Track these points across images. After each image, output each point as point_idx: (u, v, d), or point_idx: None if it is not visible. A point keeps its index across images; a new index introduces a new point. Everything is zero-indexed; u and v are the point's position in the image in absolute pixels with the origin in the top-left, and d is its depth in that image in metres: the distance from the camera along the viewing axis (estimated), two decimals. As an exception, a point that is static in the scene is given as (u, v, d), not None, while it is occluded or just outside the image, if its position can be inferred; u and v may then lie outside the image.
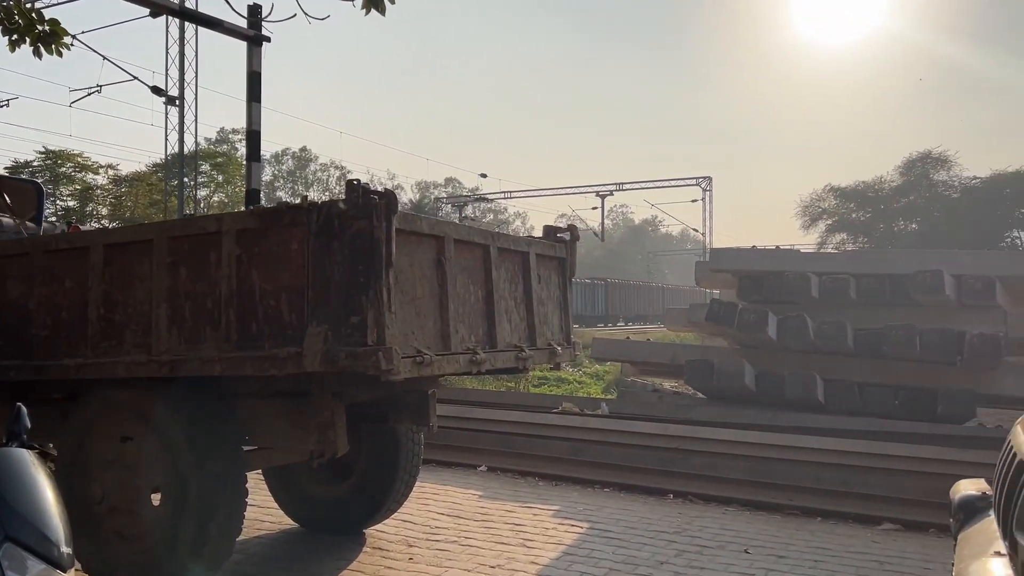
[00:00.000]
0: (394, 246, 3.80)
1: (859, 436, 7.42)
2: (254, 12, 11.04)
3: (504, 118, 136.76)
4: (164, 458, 4.25)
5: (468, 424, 8.48)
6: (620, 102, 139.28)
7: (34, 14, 5.74)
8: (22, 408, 2.35)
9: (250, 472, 4.59)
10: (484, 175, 57.09)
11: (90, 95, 25.60)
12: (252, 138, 11.43)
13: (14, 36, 5.65)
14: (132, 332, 4.44)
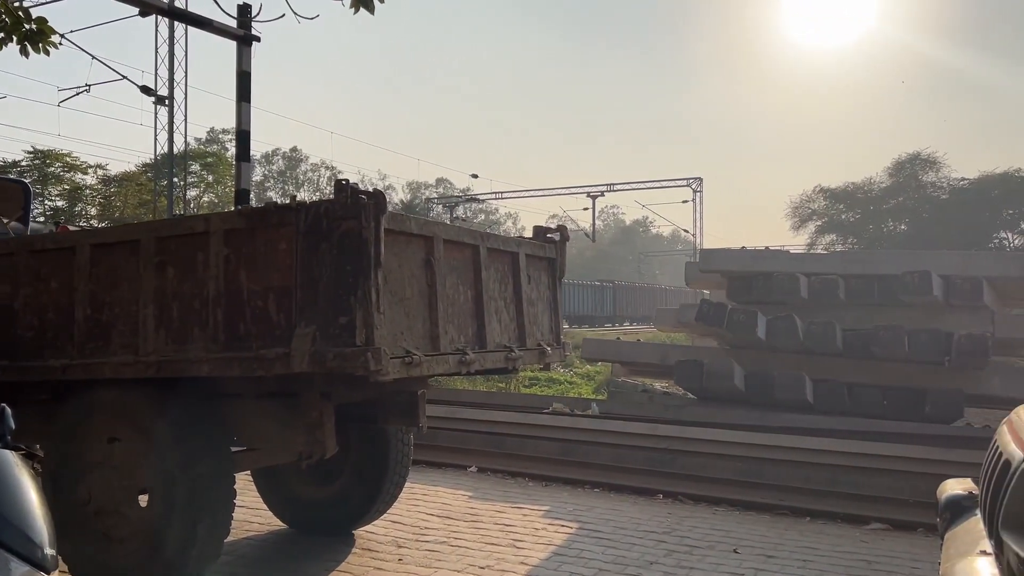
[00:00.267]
0: (383, 246, 3.79)
1: (848, 436, 7.45)
2: (243, 12, 11.02)
3: (495, 119, 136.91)
4: (151, 459, 4.22)
5: (458, 425, 8.48)
6: (611, 103, 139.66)
7: (21, 12, 5.70)
8: (6, 409, 2.33)
9: (239, 473, 4.57)
10: (475, 175, 57.30)
11: (79, 94, 25.52)
12: (242, 138, 11.40)
13: (1, 35, 5.61)
14: (119, 333, 4.42)
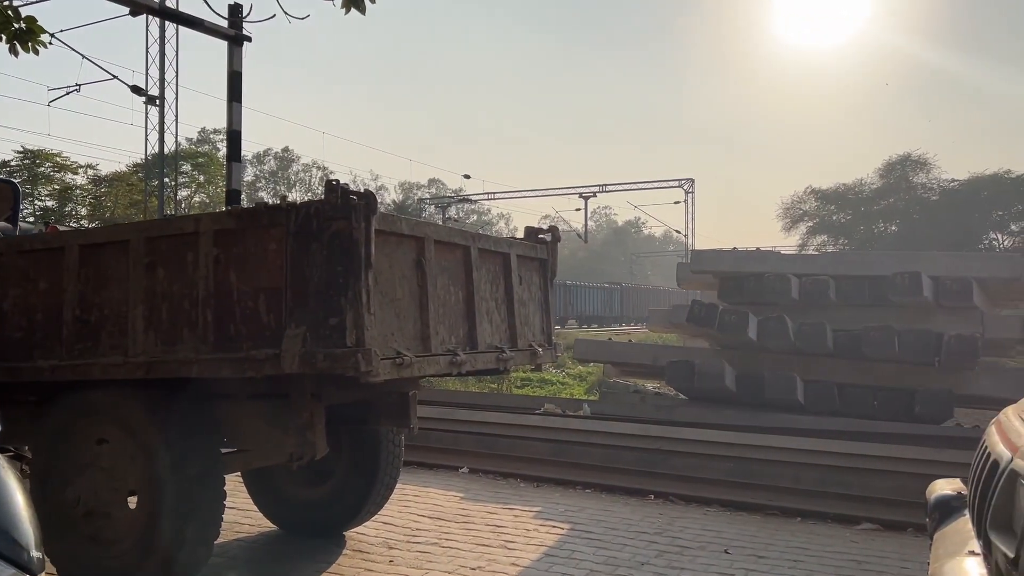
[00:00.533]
0: (373, 247, 3.79)
1: (838, 436, 7.45)
2: (235, 12, 11.00)
3: (488, 119, 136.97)
4: (140, 461, 4.20)
5: (449, 425, 8.46)
6: (604, 104, 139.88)
7: (10, 11, 5.67)
8: None
9: (229, 474, 4.56)
10: (467, 176, 57.39)
11: (69, 94, 25.43)
12: (233, 138, 11.37)
13: (-10, 34, 5.58)
14: (108, 333, 4.39)
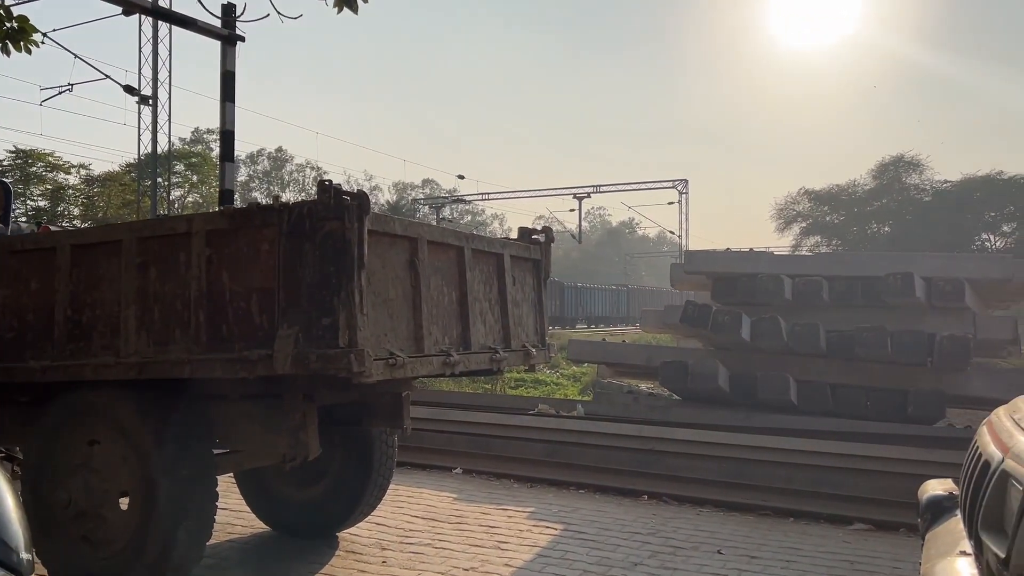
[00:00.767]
0: (366, 247, 3.78)
1: (831, 437, 7.48)
2: (228, 11, 10.97)
3: (482, 120, 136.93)
4: (132, 462, 4.19)
5: (443, 426, 8.45)
6: (598, 105, 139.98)
7: (2, 11, 5.64)
8: None
9: (221, 475, 4.55)
10: (462, 176, 57.31)
11: (61, 94, 25.35)
12: (226, 138, 11.34)
13: (-19, 33, 5.55)
14: (100, 334, 4.38)
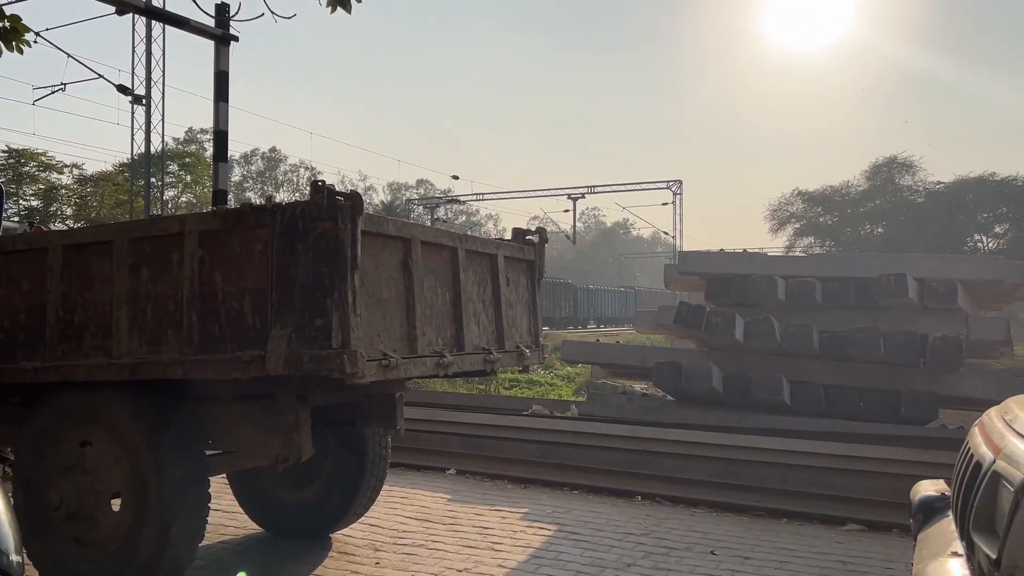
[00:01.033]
0: (360, 248, 3.78)
1: (824, 437, 7.48)
2: (221, 11, 10.93)
3: (477, 120, 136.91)
4: (124, 463, 4.18)
5: (437, 427, 8.44)
6: (593, 106, 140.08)
7: (-7, 10, 5.62)
8: None
9: (214, 476, 4.53)
10: (456, 177, 57.35)
11: (54, 93, 25.23)
12: (219, 138, 11.31)
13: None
14: (92, 335, 4.37)
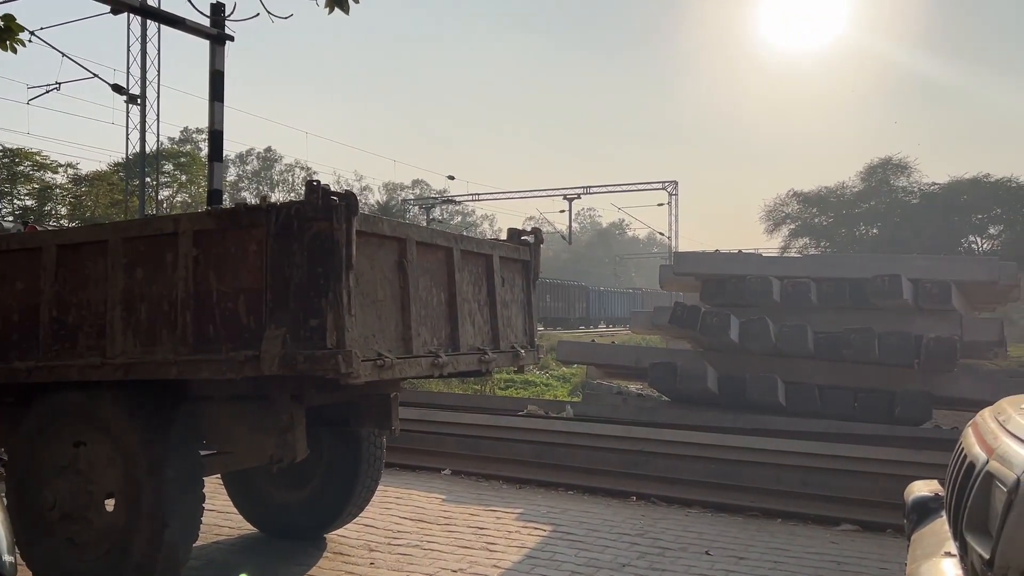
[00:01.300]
0: (354, 248, 3.77)
1: (819, 438, 7.50)
2: (217, 11, 10.90)
3: (472, 121, 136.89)
4: (118, 463, 4.17)
5: (432, 427, 8.44)
6: (588, 106, 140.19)
7: (-13, 9, 5.61)
8: None
9: (208, 476, 4.52)
10: (452, 177, 57.30)
11: (49, 92, 25.15)
12: (214, 138, 11.27)
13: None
14: (86, 335, 4.35)
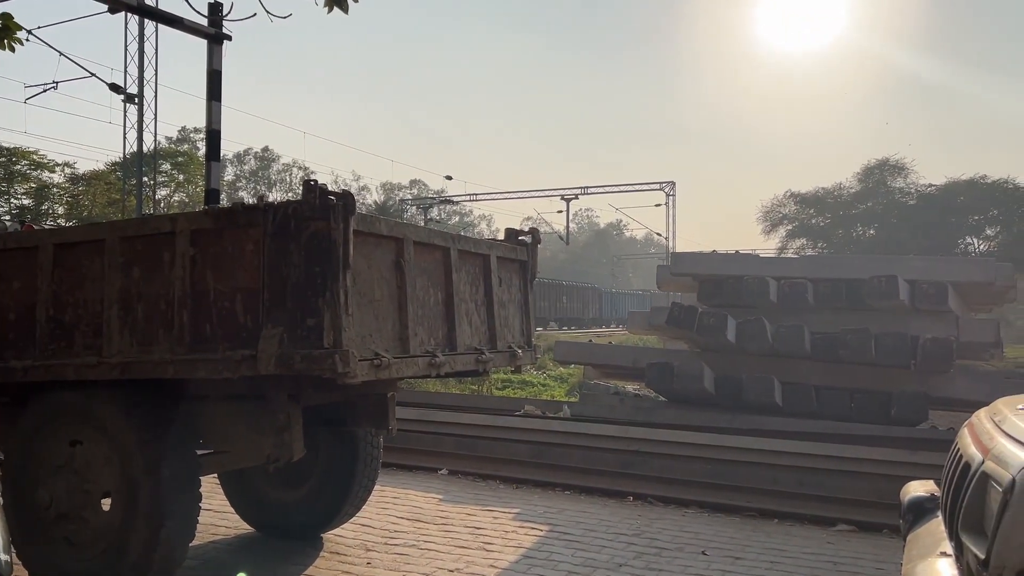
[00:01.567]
0: (352, 248, 3.78)
1: (816, 438, 7.51)
2: (214, 10, 10.89)
3: (470, 121, 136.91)
4: (114, 462, 4.17)
5: (429, 427, 8.43)
6: (586, 107, 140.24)
7: (-15, 8, 5.60)
8: None
9: (205, 476, 4.52)
10: (449, 177, 57.20)
11: (46, 91, 25.07)
12: (212, 137, 11.26)
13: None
14: (82, 334, 4.35)
